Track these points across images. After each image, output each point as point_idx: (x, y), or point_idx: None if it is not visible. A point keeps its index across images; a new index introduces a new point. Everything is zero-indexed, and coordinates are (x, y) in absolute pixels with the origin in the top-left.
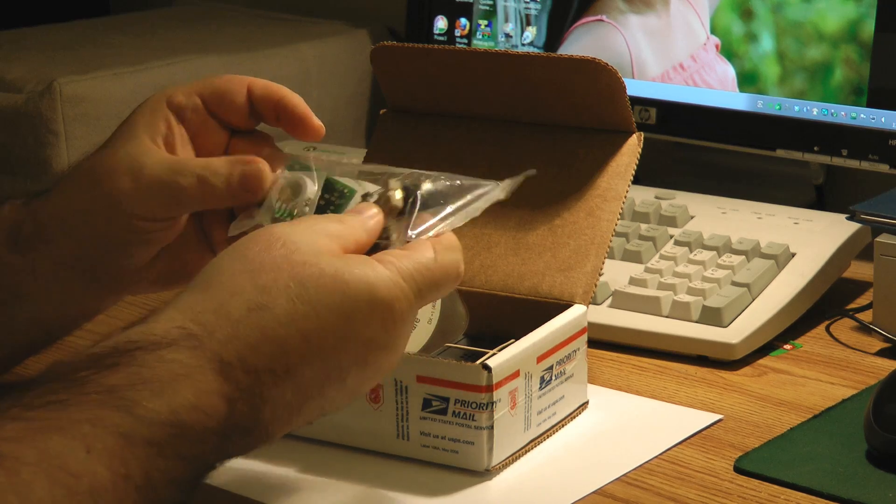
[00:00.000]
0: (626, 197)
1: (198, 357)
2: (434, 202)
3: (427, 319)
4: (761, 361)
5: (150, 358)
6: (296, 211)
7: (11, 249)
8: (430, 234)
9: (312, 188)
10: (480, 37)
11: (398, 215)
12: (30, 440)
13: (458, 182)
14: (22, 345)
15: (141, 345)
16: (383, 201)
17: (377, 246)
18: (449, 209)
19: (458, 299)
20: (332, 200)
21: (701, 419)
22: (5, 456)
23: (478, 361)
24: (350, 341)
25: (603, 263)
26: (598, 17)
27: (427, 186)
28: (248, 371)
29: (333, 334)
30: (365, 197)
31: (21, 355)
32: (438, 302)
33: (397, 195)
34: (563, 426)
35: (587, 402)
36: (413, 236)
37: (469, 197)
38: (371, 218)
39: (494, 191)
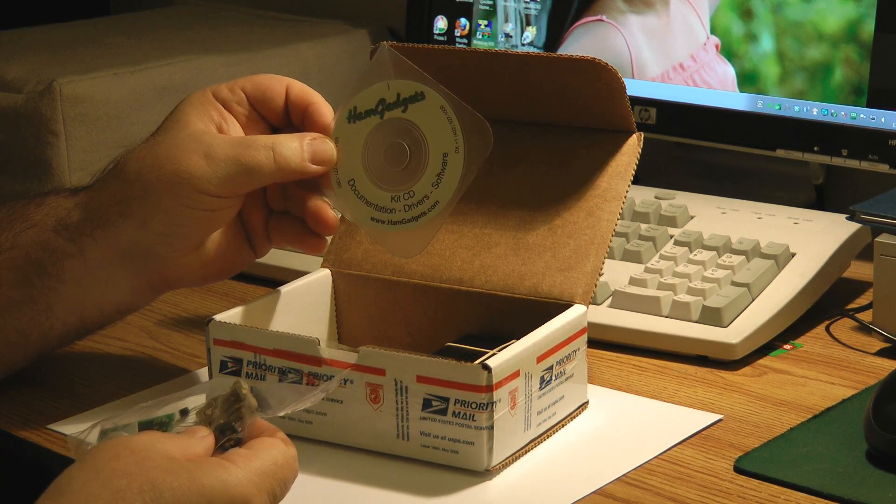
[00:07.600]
0: (626, 197)
1: None
2: (272, 394)
3: (454, 149)
4: (761, 361)
5: None
6: None
7: (61, 235)
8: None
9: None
10: (480, 37)
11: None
12: None
13: (288, 383)
14: (57, 332)
15: None
16: (235, 404)
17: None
18: (289, 404)
19: (468, 111)
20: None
21: (701, 419)
22: None
23: (478, 361)
24: None
25: (603, 263)
26: (598, 17)
27: (266, 383)
28: None
29: None
30: (182, 413)
31: (53, 342)
32: (457, 127)
33: (252, 396)
34: (563, 426)
35: (587, 402)
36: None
37: (305, 396)
38: (204, 438)
39: (317, 394)
